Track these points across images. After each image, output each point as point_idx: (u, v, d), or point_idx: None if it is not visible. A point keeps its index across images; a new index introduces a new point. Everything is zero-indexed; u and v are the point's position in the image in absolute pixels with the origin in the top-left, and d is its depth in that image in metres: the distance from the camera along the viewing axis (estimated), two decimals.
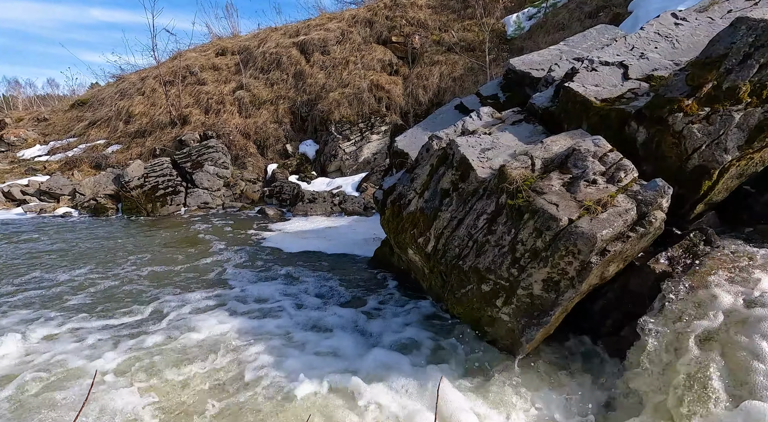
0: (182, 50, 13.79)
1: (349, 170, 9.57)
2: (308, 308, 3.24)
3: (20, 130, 13.16)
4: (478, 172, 2.89)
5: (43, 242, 5.44)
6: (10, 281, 3.88)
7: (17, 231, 6.22)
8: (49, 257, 4.69)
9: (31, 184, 9.21)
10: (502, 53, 9.32)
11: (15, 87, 36.07)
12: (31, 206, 8.03)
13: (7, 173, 10.46)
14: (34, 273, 4.11)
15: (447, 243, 2.91)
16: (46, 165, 10.85)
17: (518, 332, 2.27)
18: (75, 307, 3.27)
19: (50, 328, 2.88)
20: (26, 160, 11.44)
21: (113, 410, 1.94)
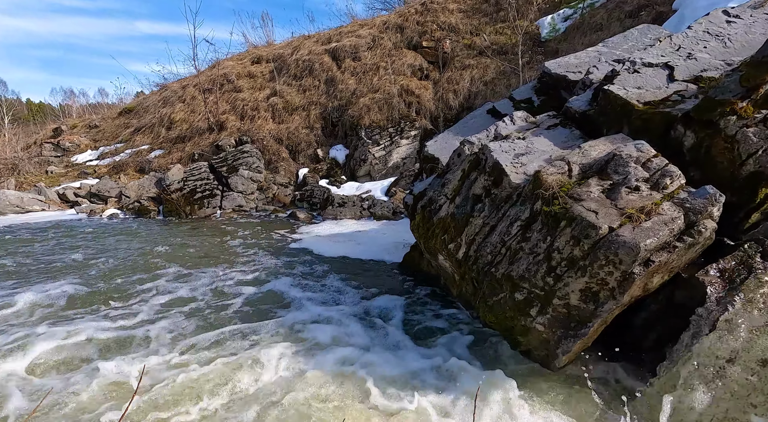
0: (220, 59, 14.41)
1: (378, 174, 9.63)
2: (339, 311, 3.27)
3: (74, 136, 14.15)
4: (512, 177, 2.83)
5: (93, 241, 5.81)
6: (62, 280, 4.17)
7: (72, 230, 6.68)
8: (95, 255, 5.00)
9: (83, 186, 9.86)
10: (536, 56, 9.12)
11: (70, 96, 38.79)
12: (83, 208, 8.59)
13: (62, 176, 11.26)
14: (87, 270, 4.40)
15: (479, 249, 2.86)
16: (96, 169, 11.59)
17: (554, 343, 2.20)
18: (118, 304, 3.46)
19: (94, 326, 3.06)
20: (79, 164, 12.27)
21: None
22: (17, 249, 5.35)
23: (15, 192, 8.89)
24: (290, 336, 2.80)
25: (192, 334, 2.86)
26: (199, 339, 2.76)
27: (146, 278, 4.09)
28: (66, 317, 3.17)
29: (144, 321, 3.07)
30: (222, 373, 2.32)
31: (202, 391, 2.16)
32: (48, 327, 2.94)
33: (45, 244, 5.64)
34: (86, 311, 3.29)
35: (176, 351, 2.61)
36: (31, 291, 3.65)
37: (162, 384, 2.20)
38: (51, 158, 12.85)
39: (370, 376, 2.30)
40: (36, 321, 3.08)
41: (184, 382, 2.22)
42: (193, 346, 2.68)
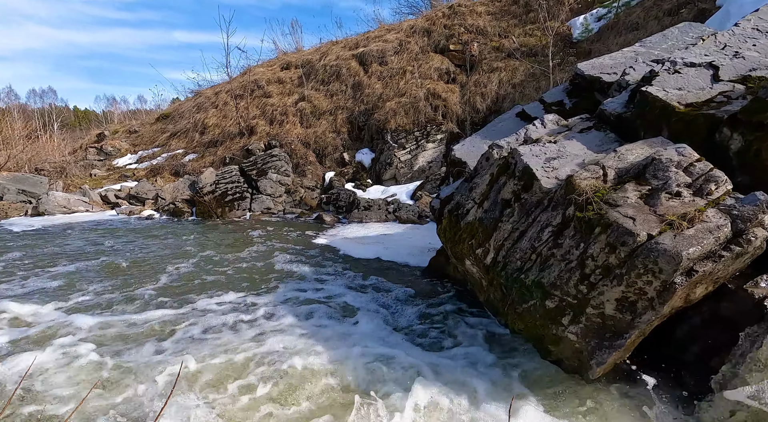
0: (251, 66, 14.87)
1: (403, 178, 9.63)
2: (367, 314, 3.28)
3: (115, 141, 14.95)
4: (543, 182, 2.77)
5: (134, 239, 6.11)
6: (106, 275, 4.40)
7: (114, 230, 7.06)
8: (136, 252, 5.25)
9: (123, 189, 10.39)
10: (568, 57, 8.88)
11: (112, 103, 41.10)
12: (123, 209, 9.05)
13: (104, 179, 11.92)
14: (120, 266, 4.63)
15: (508, 255, 2.81)
16: (135, 172, 12.20)
17: (587, 354, 2.12)
18: (154, 302, 3.61)
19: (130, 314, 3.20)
20: (119, 168, 12.95)
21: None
22: (72, 245, 5.70)
23: (63, 193, 9.48)
24: (311, 331, 2.83)
25: (218, 325, 2.95)
26: (226, 330, 2.84)
27: (181, 275, 4.25)
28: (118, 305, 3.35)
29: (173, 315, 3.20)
30: (241, 367, 2.37)
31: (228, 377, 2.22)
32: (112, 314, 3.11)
33: (91, 241, 5.97)
34: (131, 303, 3.45)
35: (215, 341, 2.69)
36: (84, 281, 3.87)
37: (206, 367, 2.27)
38: (95, 162, 13.62)
39: (393, 381, 2.29)
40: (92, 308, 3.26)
41: (223, 364, 2.29)
42: (221, 333, 2.76)
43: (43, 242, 6.03)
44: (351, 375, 2.36)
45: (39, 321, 3.16)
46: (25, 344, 2.78)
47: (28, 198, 9.44)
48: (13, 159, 12.23)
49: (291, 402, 2.14)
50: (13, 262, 4.88)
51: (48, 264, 4.76)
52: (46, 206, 8.77)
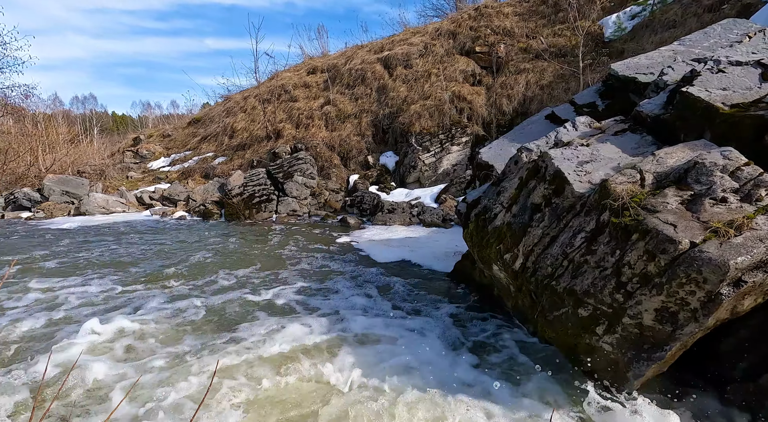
0: (279, 71, 15.23)
1: (427, 181, 9.58)
2: (387, 316, 3.28)
3: (150, 145, 15.61)
4: (575, 186, 2.69)
5: (168, 238, 6.36)
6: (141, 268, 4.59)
7: (149, 229, 7.37)
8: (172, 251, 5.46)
9: (157, 190, 10.82)
10: (600, 58, 8.61)
11: (147, 108, 42.99)
12: (156, 210, 9.43)
13: (139, 181, 12.46)
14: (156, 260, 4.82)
15: (538, 261, 2.74)
16: (168, 174, 12.69)
17: (623, 365, 2.04)
18: (188, 298, 3.74)
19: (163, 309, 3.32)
20: (153, 170, 13.51)
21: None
22: (117, 242, 5.99)
23: (102, 195, 9.97)
24: (335, 332, 2.85)
25: (245, 321, 3.01)
26: (250, 324, 2.90)
27: (206, 273, 4.39)
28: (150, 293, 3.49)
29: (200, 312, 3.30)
30: (277, 363, 2.41)
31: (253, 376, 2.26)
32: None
33: (130, 239, 6.26)
34: (155, 294, 3.59)
35: (246, 339, 2.76)
36: (123, 274, 4.06)
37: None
38: (131, 164, 14.27)
39: (417, 388, 2.27)
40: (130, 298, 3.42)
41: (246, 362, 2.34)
42: (250, 327, 2.82)
43: (85, 240, 6.37)
44: (377, 380, 2.36)
45: (89, 310, 3.33)
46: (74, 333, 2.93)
47: (71, 199, 9.99)
48: (58, 162, 12.98)
49: (318, 402, 2.15)
50: (68, 256, 5.17)
51: (92, 262, 5.01)
52: (87, 207, 9.26)
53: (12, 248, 5.92)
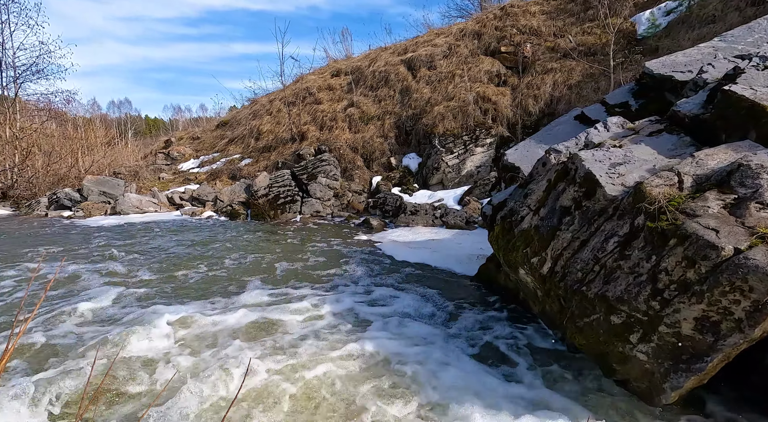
0: (303, 74, 15.49)
1: (450, 183, 9.51)
2: (415, 322, 3.27)
3: (180, 147, 16.19)
4: (607, 189, 2.61)
5: (198, 237, 6.57)
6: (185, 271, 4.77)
7: (181, 228, 7.64)
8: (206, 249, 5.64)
9: (186, 191, 11.20)
10: (633, 55, 8.30)
11: (177, 112, 44.61)
12: (186, 210, 9.75)
13: (170, 182, 12.93)
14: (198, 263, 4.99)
15: (567, 265, 2.67)
16: (197, 176, 13.11)
17: (660, 376, 1.95)
18: (216, 295, 3.85)
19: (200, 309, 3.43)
20: (183, 172, 13.99)
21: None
22: (151, 240, 6.26)
23: (136, 195, 10.41)
24: (357, 334, 2.86)
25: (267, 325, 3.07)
26: (275, 328, 2.95)
27: (233, 270, 4.50)
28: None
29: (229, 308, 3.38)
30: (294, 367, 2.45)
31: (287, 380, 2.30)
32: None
33: (163, 237, 6.51)
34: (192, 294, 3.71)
35: (270, 343, 2.81)
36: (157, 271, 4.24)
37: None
38: (163, 166, 14.83)
39: (439, 392, 2.25)
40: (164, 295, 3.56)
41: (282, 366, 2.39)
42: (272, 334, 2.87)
43: (124, 237, 6.67)
44: (398, 385, 2.36)
45: (127, 308, 3.49)
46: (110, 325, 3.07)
47: (108, 199, 10.48)
48: (96, 164, 13.65)
49: (333, 405, 2.17)
50: (114, 252, 5.44)
51: (131, 256, 5.24)
52: (122, 206, 9.68)
53: (61, 243, 6.26)
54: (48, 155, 12.85)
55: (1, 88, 15.07)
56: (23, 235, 7.21)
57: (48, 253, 5.67)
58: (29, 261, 5.19)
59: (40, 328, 3.11)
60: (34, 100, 15.82)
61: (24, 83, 15.23)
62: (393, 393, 2.23)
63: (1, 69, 14.73)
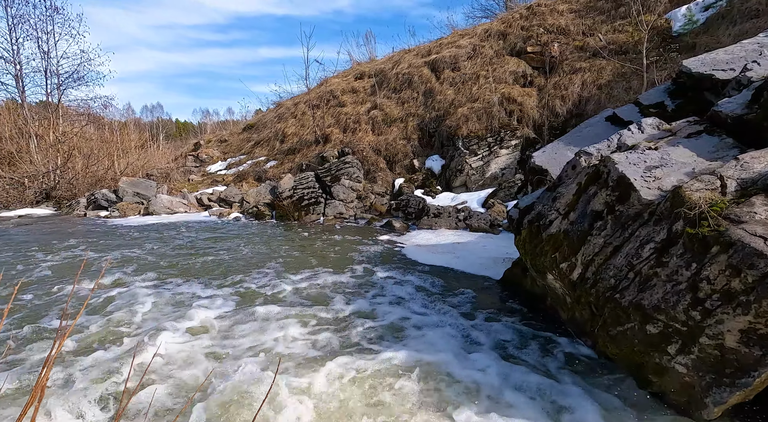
0: (328, 77, 15.68)
1: (474, 185, 9.39)
2: (439, 328, 3.24)
3: (209, 150, 16.69)
4: (642, 193, 2.51)
5: (229, 237, 6.76)
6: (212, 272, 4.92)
7: (208, 228, 7.88)
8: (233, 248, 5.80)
9: (214, 192, 11.53)
10: (669, 53, 7.96)
11: (206, 115, 46.07)
12: (214, 210, 10.05)
13: (199, 184, 13.35)
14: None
15: (599, 271, 2.59)
16: (224, 177, 13.48)
17: (700, 390, 1.86)
18: (239, 295, 3.94)
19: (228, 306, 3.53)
20: (211, 174, 14.42)
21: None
22: (182, 239, 6.50)
23: (167, 196, 10.81)
24: (381, 339, 2.86)
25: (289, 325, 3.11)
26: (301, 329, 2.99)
27: (259, 270, 4.60)
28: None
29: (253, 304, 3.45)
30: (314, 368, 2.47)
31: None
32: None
33: (193, 238, 6.74)
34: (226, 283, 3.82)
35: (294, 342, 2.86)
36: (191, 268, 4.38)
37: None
38: (192, 168, 15.34)
39: (467, 396, 2.22)
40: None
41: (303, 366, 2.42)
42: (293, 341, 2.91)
43: (157, 237, 6.94)
44: (423, 391, 2.34)
45: (164, 302, 3.63)
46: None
47: (141, 199, 10.92)
48: (130, 166, 14.26)
49: (366, 403, 2.17)
50: (144, 248, 5.68)
51: (158, 257, 5.45)
52: (154, 207, 10.07)
53: (102, 243, 6.57)
54: (87, 158, 13.53)
55: (46, 95, 16.01)
56: (66, 234, 7.61)
57: (91, 250, 5.96)
58: (73, 259, 5.47)
59: (84, 322, 3.27)
60: (75, 106, 16.73)
61: (66, 90, 16.14)
62: (422, 402, 2.22)
63: (47, 76, 15.67)
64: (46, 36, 15.43)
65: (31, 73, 15.97)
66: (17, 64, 15.05)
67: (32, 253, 5.82)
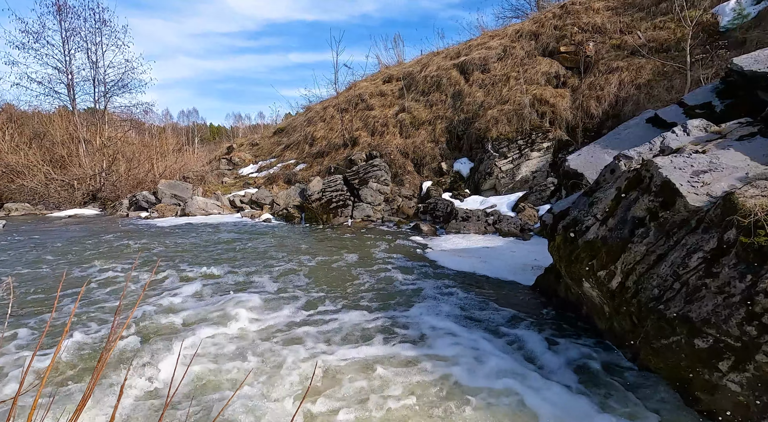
0: (356, 81, 15.85)
1: (504, 189, 9.21)
2: (472, 336, 3.20)
3: (241, 153, 17.23)
4: (689, 199, 2.38)
5: (268, 239, 6.97)
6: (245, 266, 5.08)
7: (240, 229, 8.14)
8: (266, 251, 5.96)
9: (246, 195, 11.89)
10: (716, 50, 7.52)
11: (238, 119, 47.65)
12: (245, 212, 10.35)
13: (232, 186, 13.80)
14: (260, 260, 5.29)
15: (640, 281, 2.47)
16: (255, 180, 13.87)
17: (757, 411, 1.74)
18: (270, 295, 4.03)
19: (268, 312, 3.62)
20: (243, 176, 14.87)
21: None
22: (220, 238, 6.75)
23: (202, 198, 11.24)
24: (415, 345, 2.85)
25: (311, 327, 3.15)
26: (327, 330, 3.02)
27: (283, 272, 4.70)
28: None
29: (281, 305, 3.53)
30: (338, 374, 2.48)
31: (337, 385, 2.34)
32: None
33: (227, 238, 6.98)
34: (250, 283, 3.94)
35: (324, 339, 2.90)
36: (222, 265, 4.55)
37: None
38: (225, 171, 15.88)
39: (498, 408, 2.17)
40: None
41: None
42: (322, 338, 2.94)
43: (194, 237, 7.24)
44: (450, 399, 2.31)
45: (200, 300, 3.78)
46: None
47: (178, 201, 11.41)
48: (168, 169, 14.93)
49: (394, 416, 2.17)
50: (184, 247, 5.94)
51: (198, 252, 5.68)
52: (190, 208, 10.50)
53: (146, 242, 6.93)
54: (129, 161, 14.29)
55: (94, 102, 17.06)
56: (116, 233, 8.06)
57: (137, 250, 6.29)
58: (125, 259, 5.79)
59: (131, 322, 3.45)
60: (119, 112, 17.74)
61: (112, 97, 17.14)
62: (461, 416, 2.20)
63: (94, 85, 16.70)
64: (95, 47, 16.47)
65: (81, 82, 17.06)
66: (69, 74, 16.14)
67: (89, 249, 6.20)
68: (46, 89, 16.17)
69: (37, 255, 5.96)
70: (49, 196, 12.74)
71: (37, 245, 6.77)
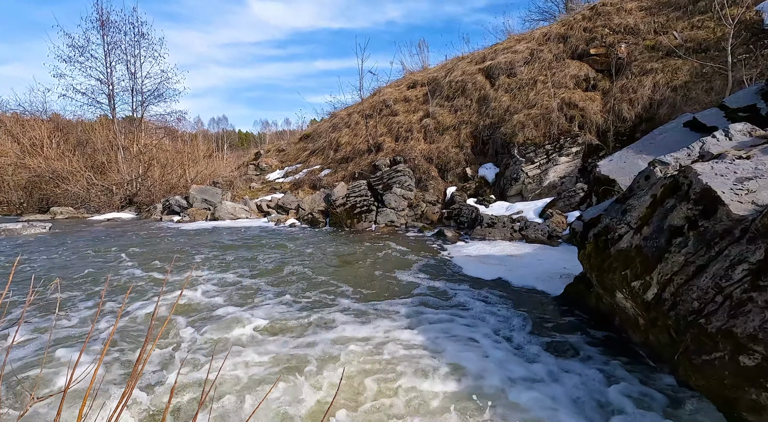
0: (381, 87, 15.99)
1: (530, 194, 9.02)
2: (500, 347, 3.14)
3: (268, 159, 17.67)
4: (732, 207, 2.26)
5: (285, 243, 7.11)
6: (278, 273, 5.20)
7: (268, 233, 8.33)
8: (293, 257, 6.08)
9: (273, 200, 12.17)
10: (760, 50, 7.13)
11: (265, 126, 48.90)
12: (272, 217, 10.59)
13: (259, 191, 14.17)
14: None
15: (679, 292, 2.36)
16: (282, 185, 14.18)
17: None
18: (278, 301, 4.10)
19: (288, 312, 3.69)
20: (270, 181, 15.23)
21: None
22: (248, 242, 6.96)
23: (231, 203, 11.59)
24: (436, 356, 2.82)
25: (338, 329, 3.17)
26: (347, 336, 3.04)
27: (307, 275, 4.76)
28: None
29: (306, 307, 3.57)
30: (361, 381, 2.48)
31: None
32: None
33: (255, 242, 7.17)
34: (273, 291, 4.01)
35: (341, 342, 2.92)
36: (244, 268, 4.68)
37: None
38: (253, 176, 16.31)
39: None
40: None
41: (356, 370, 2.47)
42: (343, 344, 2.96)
43: (224, 241, 7.48)
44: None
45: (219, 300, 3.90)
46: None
47: (208, 205, 11.81)
48: (199, 174, 15.50)
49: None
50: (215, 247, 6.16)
51: (222, 252, 5.86)
52: (219, 213, 10.84)
53: (180, 247, 7.22)
54: (163, 167, 14.94)
55: (131, 111, 17.98)
56: (152, 236, 8.44)
57: (175, 253, 6.56)
58: (163, 261, 6.05)
59: (172, 317, 3.60)
60: (154, 120, 18.61)
61: (148, 106, 18.02)
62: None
63: (132, 95, 17.62)
64: (134, 59, 17.40)
65: (121, 92, 18.05)
66: (110, 85, 17.09)
67: (132, 250, 6.53)
68: (89, 99, 17.20)
69: (80, 256, 6.31)
70: (90, 200, 13.48)
71: (80, 246, 7.17)
